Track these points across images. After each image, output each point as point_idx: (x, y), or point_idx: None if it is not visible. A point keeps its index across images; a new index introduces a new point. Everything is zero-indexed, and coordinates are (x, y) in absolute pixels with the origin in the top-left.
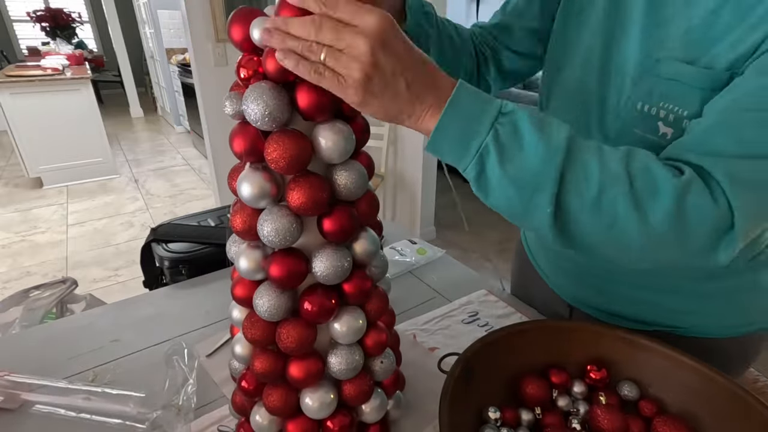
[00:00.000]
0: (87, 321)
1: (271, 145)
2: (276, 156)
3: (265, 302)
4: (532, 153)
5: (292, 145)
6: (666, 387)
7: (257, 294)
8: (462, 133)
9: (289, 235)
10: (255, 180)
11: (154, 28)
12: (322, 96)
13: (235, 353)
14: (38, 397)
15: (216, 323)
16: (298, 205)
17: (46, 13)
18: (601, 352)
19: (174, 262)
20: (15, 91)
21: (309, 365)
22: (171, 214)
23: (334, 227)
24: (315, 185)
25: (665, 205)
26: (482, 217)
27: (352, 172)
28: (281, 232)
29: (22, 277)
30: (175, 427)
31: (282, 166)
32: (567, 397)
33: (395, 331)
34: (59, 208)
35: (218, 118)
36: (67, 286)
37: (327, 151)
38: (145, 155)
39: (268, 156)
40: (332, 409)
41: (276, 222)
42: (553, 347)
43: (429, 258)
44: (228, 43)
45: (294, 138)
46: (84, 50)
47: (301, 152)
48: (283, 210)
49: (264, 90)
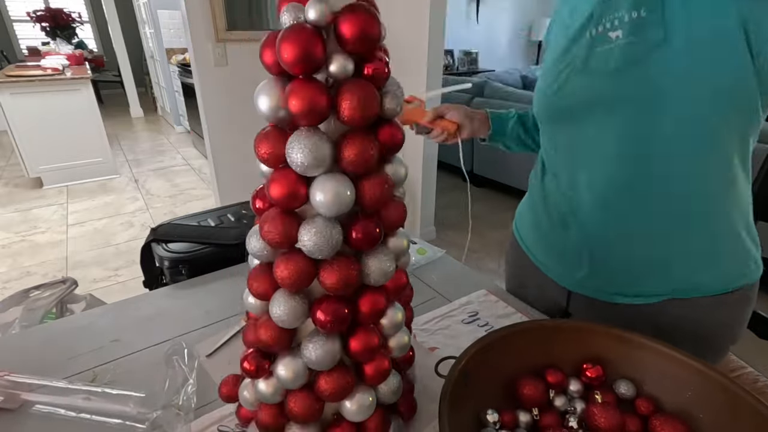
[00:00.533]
0: (87, 321)
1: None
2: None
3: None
4: None
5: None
6: (661, 384)
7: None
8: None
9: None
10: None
11: (154, 28)
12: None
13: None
14: (38, 397)
15: (216, 323)
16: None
17: (46, 13)
18: (596, 350)
19: (174, 262)
20: (15, 91)
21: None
22: (171, 214)
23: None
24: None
25: None
26: (482, 217)
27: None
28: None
29: (22, 277)
30: (175, 427)
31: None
32: (564, 397)
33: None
34: (59, 208)
35: (218, 118)
36: (67, 286)
37: None
38: (145, 155)
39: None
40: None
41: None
42: (549, 347)
43: (429, 258)
44: (228, 43)
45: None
46: (84, 50)
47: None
48: None
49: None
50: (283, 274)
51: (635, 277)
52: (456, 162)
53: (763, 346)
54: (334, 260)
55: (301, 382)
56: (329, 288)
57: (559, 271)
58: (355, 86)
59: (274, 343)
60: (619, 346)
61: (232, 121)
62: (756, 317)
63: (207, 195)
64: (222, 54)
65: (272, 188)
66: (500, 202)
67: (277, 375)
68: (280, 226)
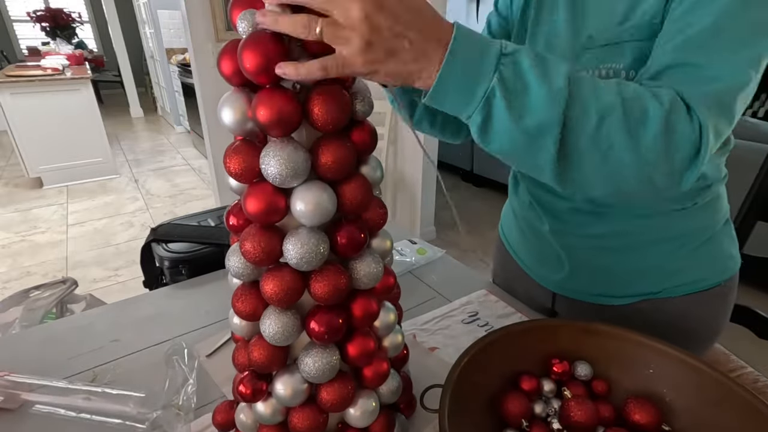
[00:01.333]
0: (87, 321)
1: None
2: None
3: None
4: (536, 97)
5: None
6: (620, 364)
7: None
8: (466, 79)
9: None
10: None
11: (154, 28)
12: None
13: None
14: (38, 397)
15: (216, 323)
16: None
17: (46, 13)
18: (561, 346)
19: (174, 262)
20: (15, 91)
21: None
22: (171, 214)
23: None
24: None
25: (654, 129)
26: (482, 217)
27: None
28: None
29: (22, 277)
30: (175, 427)
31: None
32: (541, 402)
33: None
34: (59, 208)
35: (218, 118)
36: (67, 287)
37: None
38: (145, 155)
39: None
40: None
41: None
42: (518, 352)
43: (429, 258)
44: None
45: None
46: (84, 50)
47: None
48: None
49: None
50: (272, 292)
51: (613, 282)
52: (456, 161)
53: (763, 346)
54: (323, 270)
55: (302, 399)
56: (320, 298)
57: (541, 273)
58: (324, 90)
59: (270, 363)
60: (581, 336)
61: None
62: (756, 317)
63: (207, 195)
64: None
65: (249, 204)
66: (500, 202)
67: (276, 394)
68: (263, 242)
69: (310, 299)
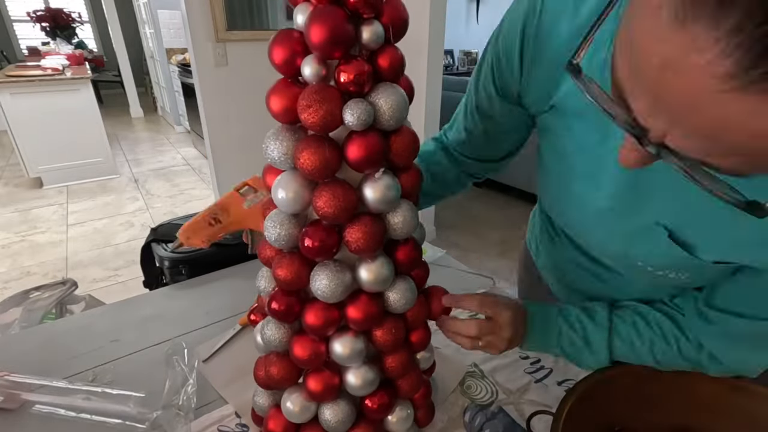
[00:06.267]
0: (87, 321)
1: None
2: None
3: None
4: (587, 363)
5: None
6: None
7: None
8: (541, 348)
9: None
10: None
11: (154, 28)
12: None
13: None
14: (38, 397)
15: (216, 323)
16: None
17: (46, 13)
18: (702, 400)
19: (174, 262)
20: (15, 91)
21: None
22: (171, 214)
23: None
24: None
25: (683, 365)
26: (482, 218)
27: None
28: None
29: (22, 277)
30: (175, 427)
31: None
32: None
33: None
34: (59, 208)
35: (218, 118)
36: (67, 288)
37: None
38: (145, 155)
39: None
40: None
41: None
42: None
43: (429, 258)
44: (228, 43)
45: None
46: (84, 50)
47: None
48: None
49: None
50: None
51: None
52: None
53: None
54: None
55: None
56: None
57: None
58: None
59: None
60: (727, 394)
61: (232, 121)
62: None
63: (207, 195)
64: (222, 54)
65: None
66: (500, 202)
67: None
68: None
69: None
